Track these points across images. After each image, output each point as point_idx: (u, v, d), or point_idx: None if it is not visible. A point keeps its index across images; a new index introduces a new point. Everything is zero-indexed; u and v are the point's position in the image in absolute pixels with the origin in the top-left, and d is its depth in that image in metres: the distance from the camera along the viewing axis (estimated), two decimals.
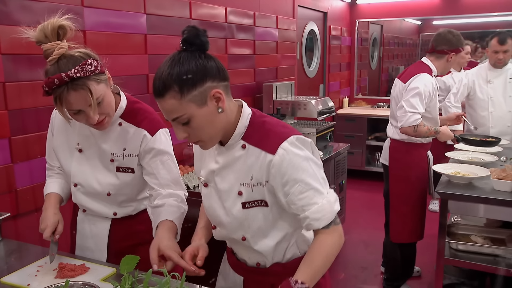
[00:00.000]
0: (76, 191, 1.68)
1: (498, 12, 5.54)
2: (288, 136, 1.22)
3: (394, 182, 3.06)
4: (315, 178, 1.23)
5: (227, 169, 1.29)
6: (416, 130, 2.77)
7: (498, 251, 2.46)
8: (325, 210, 1.22)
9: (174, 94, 1.13)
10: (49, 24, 1.39)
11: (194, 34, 1.15)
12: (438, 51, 2.98)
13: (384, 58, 6.97)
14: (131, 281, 1.28)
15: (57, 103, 1.40)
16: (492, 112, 3.60)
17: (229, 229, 1.33)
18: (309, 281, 1.20)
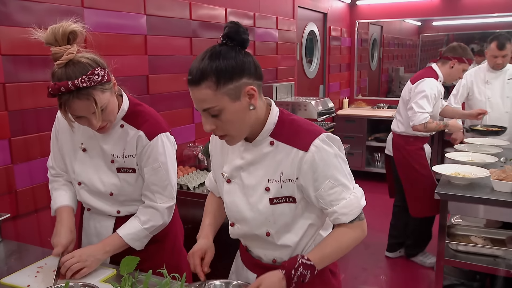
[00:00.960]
0: (80, 189, 1.69)
1: (498, 13, 5.54)
2: (319, 134, 1.25)
3: (400, 169, 3.51)
4: (343, 174, 1.28)
5: (255, 165, 1.30)
6: (426, 126, 3.20)
7: (498, 252, 2.46)
8: (353, 206, 1.27)
9: (210, 84, 1.14)
10: (61, 27, 1.39)
11: (235, 30, 1.17)
12: (443, 57, 3.35)
13: (384, 59, 6.97)
14: (131, 282, 1.28)
15: (61, 108, 1.42)
16: (489, 113, 3.64)
17: (252, 225, 1.34)
18: (316, 261, 1.24)
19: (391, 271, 3.56)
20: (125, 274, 1.30)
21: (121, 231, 1.61)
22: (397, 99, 6.39)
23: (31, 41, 2.05)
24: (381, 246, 3.98)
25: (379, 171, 5.88)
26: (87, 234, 1.76)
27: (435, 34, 6.62)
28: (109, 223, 1.71)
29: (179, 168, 2.92)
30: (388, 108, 6.15)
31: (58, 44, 1.39)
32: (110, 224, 1.71)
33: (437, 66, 3.38)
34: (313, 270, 1.23)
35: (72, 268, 1.48)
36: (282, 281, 1.22)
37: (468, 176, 2.58)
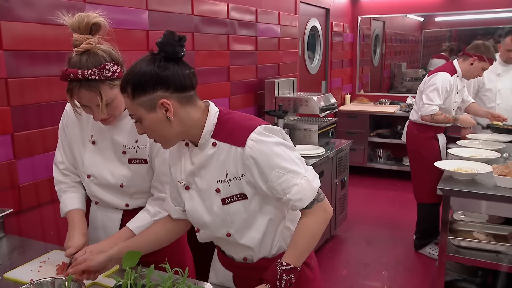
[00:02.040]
0: (89, 182, 1.69)
1: (501, 8, 5.52)
2: (255, 127, 1.25)
3: (410, 155, 3.74)
4: (290, 160, 1.26)
5: (204, 169, 1.32)
6: (433, 118, 3.40)
7: (500, 247, 2.46)
8: (306, 190, 1.25)
9: (126, 94, 1.23)
10: (86, 17, 1.43)
11: (167, 41, 1.20)
12: (466, 53, 3.45)
13: (386, 54, 6.95)
14: (133, 276, 1.29)
15: (68, 94, 1.46)
16: (499, 104, 3.76)
17: (212, 228, 1.36)
18: (294, 262, 1.25)
19: (393, 266, 3.56)
20: (128, 268, 1.30)
21: (131, 225, 1.61)
22: (399, 95, 6.43)
23: (33, 36, 2.06)
24: (382, 241, 3.99)
25: (381, 167, 5.88)
26: (93, 227, 1.75)
27: (437, 30, 6.59)
28: (116, 216, 1.71)
29: None
30: (391, 104, 6.14)
31: (81, 32, 1.43)
32: (117, 217, 1.71)
33: (457, 62, 3.49)
34: (295, 271, 1.25)
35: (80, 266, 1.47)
36: None
37: (470, 172, 2.57)
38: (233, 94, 3.64)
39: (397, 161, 5.91)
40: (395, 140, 5.66)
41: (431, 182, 3.49)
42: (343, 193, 4.07)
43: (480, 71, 3.42)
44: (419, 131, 3.62)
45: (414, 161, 3.71)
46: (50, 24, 2.13)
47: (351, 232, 4.21)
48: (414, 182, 3.73)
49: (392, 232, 4.22)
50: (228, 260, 1.46)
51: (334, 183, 3.80)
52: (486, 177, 2.54)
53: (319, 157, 3.40)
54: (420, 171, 3.64)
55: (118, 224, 1.70)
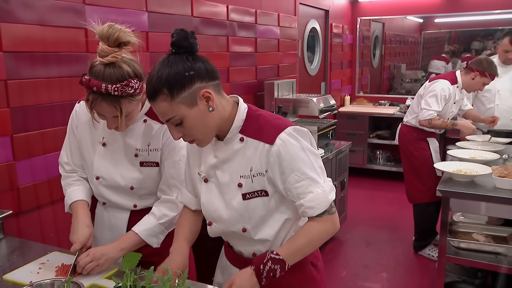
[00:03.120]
0: (98, 184, 1.69)
1: (500, 9, 5.52)
2: (285, 127, 1.27)
3: (403, 156, 3.81)
4: (312, 167, 1.28)
5: (227, 163, 1.32)
6: (430, 123, 3.43)
7: (499, 249, 2.46)
8: (320, 199, 1.27)
9: (164, 97, 1.19)
10: (119, 31, 1.43)
11: (183, 37, 1.20)
12: (468, 67, 3.48)
13: (386, 56, 6.95)
14: (133, 278, 1.28)
15: (87, 103, 1.46)
16: (498, 105, 3.78)
17: (228, 222, 1.36)
18: (285, 256, 1.26)
19: (392, 268, 3.56)
20: (127, 270, 1.30)
21: (136, 228, 1.61)
22: (398, 96, 6.44)
23: (32, 38, 2.06)
24: (382, 243, 3.99)
25: (380, 168, 5.88)
26: (99, 227, 1.75)
27: (437, 31, 6.60)
28: (123, 216, 1.71)
29: None
30: (390, 106, 6.15)
31: (109, 44, 1.42)
32: (125, 217, 1.71)
33: (459, 74, 3.52)
34: (282, 264, 1.25)
35: (86, 268, 1.48)
36: (252, 277, 1.25)
37: (470, 173, 2.57)
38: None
39: (397, 162, 5.90)
40: (394, 142, 5.63)
41: (424, 182, 3.62)
42: (343, 194, 4.07)
43: (481, 86, 3.45)
44: (410, 133, 3.69)
45: (406, 162, 3.77)
46: (50, 26, 2.14)
47: (351, 233, 4.21)
48: (407, 183, 3.79)
49: (391, 233, 4.22)
50: (236, 256, 1.47)
51: (334, 185, 3.79)
52: (485, 178, 2.54)
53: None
54: (413, 171, 3.70)
55: (125, 224, 1.70)
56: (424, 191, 3.63)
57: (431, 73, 6.37)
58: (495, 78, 3.43)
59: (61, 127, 2.22)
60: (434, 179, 3.53)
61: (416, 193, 3.70)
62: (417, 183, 3.66)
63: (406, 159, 3.77)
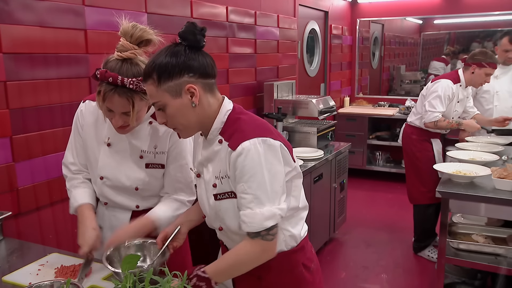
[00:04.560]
0: (101, 184, 1.68)
1: (499, 11, 5.53)
2: (254, 137, 1.24)
3: (406, 157, 3.81)
4: (262, 187, 1.22)
5: (210, 162, 1.35)
6: (436, 125, 3.44)
7: (499, 250, 2.46)
8: (254, 220, 1.23)
9: (152, 81, 1.24)
10: (142, 30, 1.47)
11: (189, 31, 1.24)
12: (466, 64, 3.50)
13: (385, 57, 6.96)
14: (132, 279, 1.28)
15: (100, 96, 1.45)
16: (496, 106, 3.77)
17: (209, 218, 1.42)
18: (211, 274, 1.26)
19: (392, 269, 3.56)
20: (127, 272, 1.30)
21: (153, 216, 1.62)
22: (398, 97, 6.44)
23: (32, 39, 2.06)
24: (381, 244, 3.98)
25: (380, 169, 5.89)
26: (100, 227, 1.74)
27: (436, 33, 6.61)
28: (125, 216, 1.71)
29: None
30: (389, 107, 6.15)
31: (131, 40, 1.46)
32: (126, 217, 1.71)
33: (461, 72, 3.52)
34: (208, 282, 1.25)
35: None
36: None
37: (469, 175, 2.57)
38: (232, 96, 3.63)
39: (396, 163, 5.91)
40: (394, 143, 5.66)
41: (425, 183, 3.61)
42: (342, 195, 4.07)
43: (485, 77, 3.42)
44: (414, 133, 3.69)
45: (408, 162, 3.77)
46: (49, 27, 2.14)
47: (350, 234, 4.21)
48: (408, 184, 3.79)
49: (391, 234, 4.22)
50: None
51: (333, 186, 3.80)
52: (485, 179, 2.54)
53: (318, 159, 3.40)
54: (415, 172, 3.70)
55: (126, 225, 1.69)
56: (424, 193, 3.63)
57: (430, 74, 6.37)
58: (497, 67, 3.42)
59: (61, 129, 2.23)
60: (435, 180, 3.50)
61: (417, 194, 3.70)
62: (418, 184, 3.67)
63: (408, 160, 3.77)
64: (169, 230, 1.50)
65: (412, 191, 3.76)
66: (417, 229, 3.78)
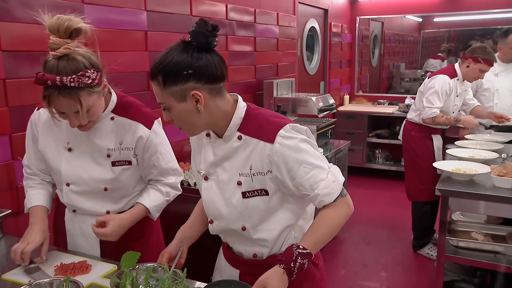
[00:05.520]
0: (68, 191, 1.64)
1: (499, 9, 5.53)
2: (284, 125, 1.27)
3: (405, 153, 3.81)
4: (315, 156, 1.28)
5: (227, 161, 1.32)
6: (434, 120, 3.45)
7: (498, 248, 2.46)
8: (332, 184, 1.28)
9: (157, 83, 1.21)
10: (67, 21, 1.37)
11: (200, 32, 1.17)
12: (463, 56, 3.49)
13: (385, 55, 6.95)
14: (132, 277, 1.28)
15: (45, 101, 1.40)
16: (497, 104, 3.77)
17: (228, 220, 1.35)
18: (310, 247, 1.25)
19: (391, 267, 3.56)
20: (126, 269, 1.30)
21: (148, 203, 1.65)
22: (397, 95, 6.44)
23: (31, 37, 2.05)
24: (381, 242, 3.99)
25: (379, 167, 5.89)
26: (71, 235, 1.72)
27: (436, 31, 6.60)
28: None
29: (180, 165, 2.92)
30: (389, 105, 6.15)
31: (59, 35, 1.37)
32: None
33: (458, 65, 3.52)
34: (310, 257, 1.25)
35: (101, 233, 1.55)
36: (284, 276, 1.22)
37: (469, 173, 2.57)
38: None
39: (396, 161, 5.91)
40: (393, 141, 5.67)
41: (424, 181, 3.62)
42: None
43: (479, 73, 3.42)
44: (414, 130, 3.69)
45: (408, 159, 3.77)
46: None
47: (350, 232, 4.21)
48: (407, 180, 3.80)
49: (390, 232, 4.22)
50: (235, 257, 1.45)
51: None
52: (484, 177, 2.54)
53: None
54: (414, 169, 3.71)
55: None
56: (422, 190, 3.64)
57: (427, 71, 6.37)
58: (493, 64, 3.40)
59: None
60: (434, 178, 3.51)
61: (415, 190, 3.72)
62: (416, 181, 3.68)
63: (407, 156, 3.78)
64: (172, 250, 1.49)
65: (410, 188, 3.77)
66: (415, 226, 3.79)
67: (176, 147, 1.74)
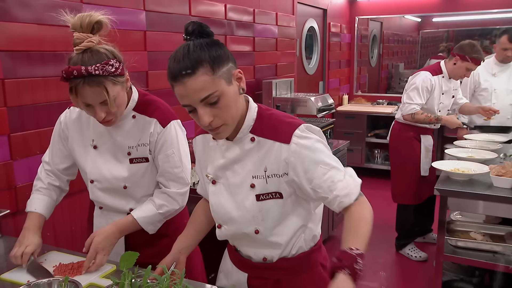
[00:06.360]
0: (93, 187, 1.68)
1: (498, 9, 5.53)
2: (299, 125, 1.25)
3: (391, 153, 3.77)
4: (331, 157, 1.26)
5: (238, 163, 1.29)
6: (413, 117, 3.40)
7: (497, 247, 2.46)
8: (351, 184, 1.24)
9: (206, 70, 1.12)
10: (88, 16, 1.43)
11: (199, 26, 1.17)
12: (451, 53, 3.44)
13: (384, 55, 6.96)
14: (130, 277, 1.28)
15: (72, 93, 1.44)
16: (494, 104, 3.76)
17: (240, 224, 1.31)
18: (362, 247, 1.16)
19: (390, 266, 3.57)
20: (125, 269, 1.30)
21: (136, 214, 1.62)
22: (397, 95, 6.44)
23: (29, 37, 2.05)
24: (379, 242, 3.99)
25: (378, 167, 5.89)
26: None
27: (435, 31, 6.61)
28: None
29: None
30: (388, 105, 6.15)
31: (82, 30, 1.42)
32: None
33: (443, 63, 3.48)
34: (363, 257, 1.14)
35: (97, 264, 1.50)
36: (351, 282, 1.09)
37: (467, 172, 2.58)
38: None
39: None
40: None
41: (407, 183, 3.58)
42: None
43: (465, 71, 3.36)
44: (401, 130, 3.63)
45: (394, 159, 3.74)
46: (47, 24, 2.13)
47: None
48: (392, 182, 3.75)
49: (389, 232, 4.22)
50: (244, 260, 1.41)
51: None
52: (483, 177, 2.54)
53: None
54: (398, 170, 3.67)
55: None
56: (404, 192, 3.61)
57: None
58: (481, 63, 3.35)
59: None
60: (417, 182, 3.55)
61: (398, 193, 3.69)
62: (400, 183, 3.64)
63: (393, 157, 3.74)
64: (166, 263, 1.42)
65: (394, 190, 3.73)
66: (398, 227, 3.78)
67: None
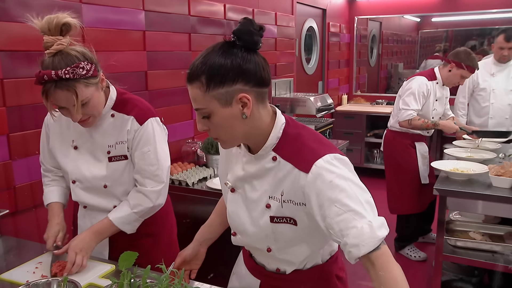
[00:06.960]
0: (75, 187, 1.69)
1: (497, 9, 5.54)
2: (324, 154, 1.10)
3: (386, 163, 3.66)
4: (355, 199, 1.07)
5: (257, 179, 1.21)
6: (410, 123, 3.28)
7: (496, 247, 2.47)
8: (365, 235, 1.04)
9: (199, 85, 1.08)
10: (55, 18, 1.42)
11: (246, 30, 1.09)
12: (446, 59, 3.36)
13: (383, 55, 6.96)
14: (129, 277, 1.28)
15: (43, 96, 1.44)
16: (493, 104, 3.77)
17: (253, 239, 1.26)
18: None
19: None
20: (124, 269, 1.30)
21: (111, 215, 1.63)
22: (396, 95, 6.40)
23: (29, 37, 2.05)
24: None
25: (378, 167, 5.88)
26: (82, 230, 1.74)
27: (434, 30, 6.61)
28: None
29: (178, 165, 2.92)
30: (387, 105, 6.15)
31: (51, 33, 1.42)
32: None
33: (438, 69, 3.40)
34: None
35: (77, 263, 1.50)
36: None
37: (466, 172, 2.58)
38: None
39: None
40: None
41: (408, 193, 3.49)
42: None
43: (460, 79, 3.31)
44: (395, 138, 3.52)
45: (390, 170, 3.62)
46: None
47: None
48: (389, 193, 3.65)
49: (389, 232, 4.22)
50: (258, 267, 1.37)
51: None
52: (482, 177, 2.54)
53: None
54: (396, 181, 3.58)
55: None
56: (405, 202, 3.53)
57: None
58: (475, 71, 3.29)
59: None
60: (418, 190, 3.49)
61: (398, 204, 3.60)
62: (400, 194, 3.55)
63: (390, 167, 3.63)
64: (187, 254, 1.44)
65: (393, 201, 3.63)
66: (398, 231, 3.74)
67: (174, 147, 1.72)
